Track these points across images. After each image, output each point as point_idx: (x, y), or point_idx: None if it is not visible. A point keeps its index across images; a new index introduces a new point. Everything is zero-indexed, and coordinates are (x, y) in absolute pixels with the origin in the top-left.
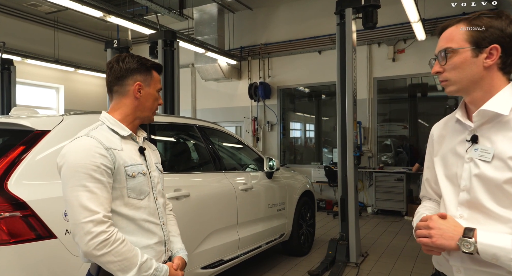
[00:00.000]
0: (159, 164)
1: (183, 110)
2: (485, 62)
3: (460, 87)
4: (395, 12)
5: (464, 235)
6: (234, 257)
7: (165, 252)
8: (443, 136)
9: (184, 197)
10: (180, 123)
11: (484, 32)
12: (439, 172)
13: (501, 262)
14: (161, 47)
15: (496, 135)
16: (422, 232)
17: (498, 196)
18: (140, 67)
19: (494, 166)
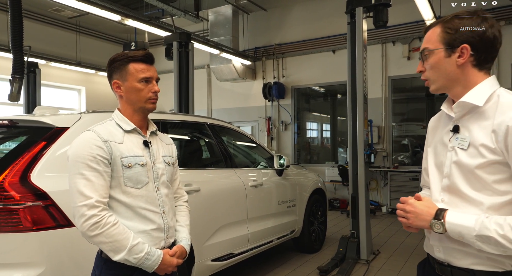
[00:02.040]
0: (168, 157)
1: (199, 110)
2: (458, 61)
3: (440, 85)
4: (410, 10)
5: (435, 217)
6: (244, 251)
7: (165, 238)
8: (436, 128)
9: (194, 192)
10: (191, 121)
11: (455, 34)
12: (430, 160)
13: (466, 240)
14: (176, 48)
15: (473, 125)
16: (400, 212)
17: (472, 180)
18: (113, 66)
19: (469, 153)
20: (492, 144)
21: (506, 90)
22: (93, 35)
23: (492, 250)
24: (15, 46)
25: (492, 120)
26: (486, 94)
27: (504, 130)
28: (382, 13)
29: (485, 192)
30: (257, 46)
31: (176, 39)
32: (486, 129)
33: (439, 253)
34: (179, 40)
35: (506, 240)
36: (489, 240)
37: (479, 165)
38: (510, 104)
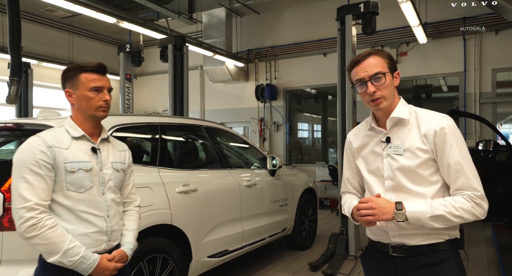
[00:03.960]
0: (119, 164)
1: (192, 111)
2: (395, 83)
3: (390, 102)
4: (398, 16)
5: (397, 209)
6: (239, 248)
7: (107, 241)
8: (360, 143)
9: (192, 191)
10: (188, 124)
11: (392, 62)
12: (363, 169)
13: (423, 222)
14: (171, 51)
15: (402, 135)
16: (366, 211)
17: (414, 178)
18: (66, 76)
19: (406, 157)
20: (425, 146)
21: (417, 107)
22: (86, 35)
23: (440, 225)
24: (13, 48)
25: (418, 129)
26: (407, 110)
27: (433, 134)
28: (371, 20)
29: (424, 185)
30: (250, 48)
31: (171, 42)
32: (417, 136)
33: (395, 238)
34: (174, 43)
35: (451, 215)
36: (439, 218)
37: (418, 164)
38: (428, 116)
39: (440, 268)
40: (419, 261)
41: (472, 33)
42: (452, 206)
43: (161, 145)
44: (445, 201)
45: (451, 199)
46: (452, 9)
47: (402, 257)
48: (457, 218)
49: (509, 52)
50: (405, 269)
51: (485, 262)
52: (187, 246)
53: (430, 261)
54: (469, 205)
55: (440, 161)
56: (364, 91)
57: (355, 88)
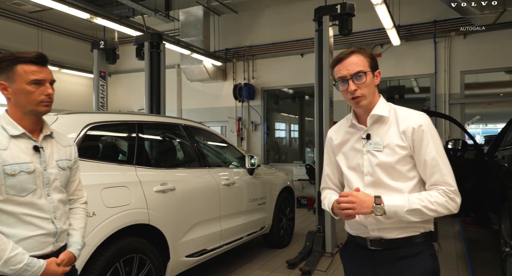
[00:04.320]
0: (64, 161)
1: (168, 110)
2: (376, 81)
3: (370, 100)
4: (373, 18)
5: (375, 203)
6: (217, 247)
7: (54, 243)
8: (341, 139)
9: (170, 191)
10: (166, 122)
11: (373, 61)
12: (343, 165)
13: (400, 216)
14: (148, 49)
15: (382, 132)
16: (347, 205)
17: (392, 174)
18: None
19: (386, 153)
20: (404, 143)
21: (395, 105)
22: (56, 31)
23: (416, 219)
24: None
25: (397, 126)
26: (387, 108)
27: (411, 131)
28: (347, 22)
29: (402, 180)
30: (228, 47)
31: (148, 40)
32: (396, 133)
33: (373, 233)
34: (151, 41)
35: (427, 209)
36: (415, 212)
37: (397, 160)
38: (406, 114)
39: (415, 260)
40: (396, 254)
41: (442, 37)
42: (428, 200)
43: (138, 143)
44: (421, 195)
45: (427, 193)
46: (424, 13)
47: (380, 250)
48: (432, 212)
49: (476, 55)
50: (382, 262)
51: (453, 256)
52: (165, 246)
53: (406, 253)
54: (444, 200)
55: (417, 157)
56: (346, 89)
57: (337, 85)
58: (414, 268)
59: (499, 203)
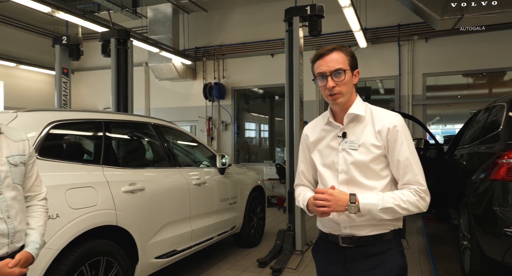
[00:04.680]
0: (16, 157)
1: (136, 109)
2: (354, 81)
3: (347, 98)
4: (341, 21)
5: (350, 201)
6: (187, 248)
7: (9, 244)
8: (317, 137)
9: (139, 191)
10: (135, 121)
11: (353, 60)
12: (318, 163)
13: (373, 214)
14: (114, 45)
15: (358, 131)
16: (322, 202)
17: (366, 172)
18: None
19: (361, 152)
20: (379, 142)
21: (371, 105)
22: (14, 24)
23: (388, 217)
24: None
25: (372, 125)
26: (363, 107)
27: (386, 131)
28: (317, 23)
29: (375, 179)
30: (197, 46)
31: (114, 36)
32: (371, 132)
33: (346, 230)
34: (118, 37)
35: (399, 207)
36: (389, 210)
37: (371, 159)
38: (382, 114)
39: (384, 257)
40: (366, 251)
41: (406, 40)
42: (401, 199)
43: (105, 142)
44: (394, 194)
45: (400, 192)
46: (389, 16)
47: (351, 247)
48: (404, 210)
49: (437, 58)
50: (353, 259)
51: (416, 250)
52: (134, 247)
53: (376, 250)
54: (415, 199)
55: (390, 156)
56: (324, 85)
57: (316, 80)
58: (383, 264)
59: (458, 199)
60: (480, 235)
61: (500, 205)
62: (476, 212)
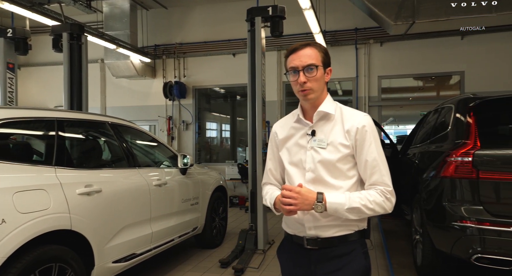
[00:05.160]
0: None
1: (91, 107)
2: (326, 78)
3: (317, 95)
4: (302, 23)
5: (317, 200)
6: (147, 251)
7: None
8: (286, 134)
9: (95, 193)
10: (91, 120)
11: (326, 57)
12: (285, 160)
13: (339, 213)
14: (67, 40)
15: (327, 129)
16: (287, 200)
17: (333, 171)
18: None
19: (329, 151)
20: (347, 141)
21: (341, 104)
22: None
23: (354, 217)
24: None
25: (342, 124)
26: (333, 106)
27: (355, 130)
28: (278, 24)
29: (341, 178)
30: (157, 44)
31: (67, 30)
32: (340, 131)
33: (310, 231)
34: (70, 32)
35: (365, 208)
36: (355, 210)
37: (339, 158)
38: (352, 113)
39: (349, 258)
40: (331, 253)
41: (362, 43)
42: (367, 199)
43: (58, 142)
44: (361, 194)
45: (366, 192)
46: (347, 20)
47: (316, 249)
48: (370, 211)
49: (390, 62)
50: (318, 261)
51: (372, 246)
52: (90, 252)
53: (340, 252)
54: (381, 199)
55: (358, 156)
56: (296, 79)
57: (288, 75)
58: (347, 266)
59: (411, 196)
60: (431, 229)
61: (449, 201)
62: (427, 207)
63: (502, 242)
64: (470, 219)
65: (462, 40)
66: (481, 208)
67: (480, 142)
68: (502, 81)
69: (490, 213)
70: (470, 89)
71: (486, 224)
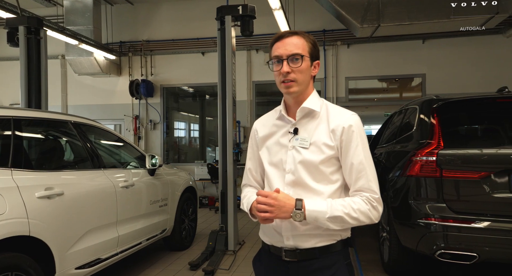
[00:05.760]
0: None
1: (52, 106)
2: (313, 72)
3: (302, 88)
4: (272, 23)
5: (296, 207)
6: (113, 255)
7: None
8: (267, 132)
9: (57, 196)
10: (52, 119)
11: (315, 49)
12: (265, 160)
13: (320, 222)
14: (23, 34)
15: (311, 127)
16: (264, 207)
17: (315, 174)
18: None
19: (311, 151)
20: (332, 142)
21: (327, 102)
22: None
23: (336, 227)
24: None
25: (327, 123)
26: (319, 103)
27: (341, 130)
28: (249, 23)
29: (324, 182)
30: (122, 40)
31: (24, 24)
32: (325, 130)
33: (288, 241)
34: (28, 25)
35: (349, 217)
36: (337, 219)
37: (322, 160)
38: (338, 112)
39: (331, 272)
40: (311, 266)
41: (330, 45)
42: (351, 208)
43: (14, 142)
44: (345, 201)
45: (350, 200)
46: (315, 22)
47: (295, 261)
48: (353, 220)
49: (357, 63)
50: (297, 274)
51: None
52: (51, 258)
53: (321, 264)
54: (367, 208)
55: (344, 159)
56: (279, 69)
57: (271, 64)
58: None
59: None
60: (397, 227)
61: (414, 199)
62: (394, 205)
63: (464, 238)
64: (434, 216)
65: (423, 44)
66: (444, 205)
67: (443, 142)
68: (461, 84)
69: (452, 210)
70: (431, 91)
71: (449, 220)
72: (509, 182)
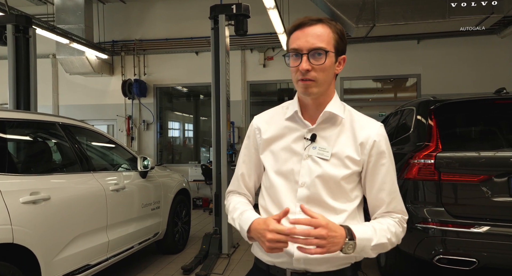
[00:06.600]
0: None
1: (42, 106)
2: (337, 69)
3: (322, 89)
4: (266, 22)
5: (348, 237)
6: (103, 260)
7: None
8: (274, 133)
9: (43, 201)
10: (38, 120)
11: (343, 42)
12: (269, 168)
13: (365, 252)
14: (12, 33)
15: (331, 135)
16: (317, 242)
17: (334, 191)
18: None
19: (333, 164)
20: (358, 156)
21: (350, 107)
22: None
23: (374, 255)
24: None
25: (351, 133)
26: (341, 107)
27: (371, 144)
28: (243, 23)
29: (342, 200)
30: (115, 39)
31: (12, 22)
32: (350, 141)
33: (299, 264)
34: (16, 23)
35: (390, 243)
36: (380, 246)
37: (344, 176)
38: (366, 121)
39: None
40: None
41: None
42: (390, 232)
43: None
44: (383, 224)
45: (387, 223)
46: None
47: None
48: (391, 245)
49: (352, 63)
50: None
51: None
52: (37, 266)
53: None
54: (400, 230)
55: (371, 175)
56: (296, 65)
57: (287, 57)
58: None
59: None
60: None
61: (412, 202)
62: None
63: (462, 242)
64: (433, 220)
65: (418, 44)
66: (442, 209)
67: (441, 144)
68: (455, 84)
69: (451, 214)
70: (426, 92)
71: (448, 225)
72: (508, 185)
